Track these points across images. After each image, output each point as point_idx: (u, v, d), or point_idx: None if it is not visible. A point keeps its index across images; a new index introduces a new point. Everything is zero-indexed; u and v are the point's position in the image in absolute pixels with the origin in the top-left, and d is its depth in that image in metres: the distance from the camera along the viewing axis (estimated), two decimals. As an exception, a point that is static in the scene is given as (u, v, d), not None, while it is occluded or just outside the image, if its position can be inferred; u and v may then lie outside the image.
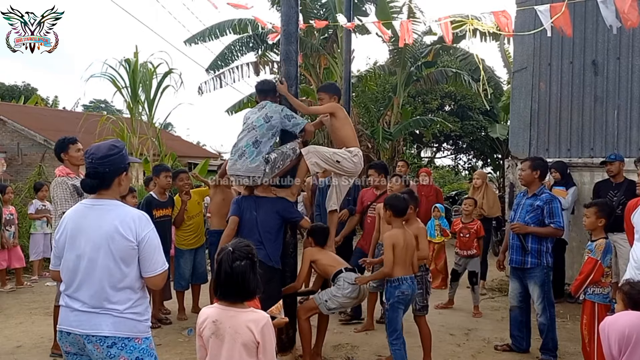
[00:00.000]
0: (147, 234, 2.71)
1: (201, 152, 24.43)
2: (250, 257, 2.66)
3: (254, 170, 4.69)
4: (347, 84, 11.11)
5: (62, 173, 4.99)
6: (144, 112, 12.69)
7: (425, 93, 18.97)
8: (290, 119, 4.90)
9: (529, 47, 8.43)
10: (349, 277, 4.85)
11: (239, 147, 4.79)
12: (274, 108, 4.89)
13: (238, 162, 4.74)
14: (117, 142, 2.89)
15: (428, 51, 16.50)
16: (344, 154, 5.05)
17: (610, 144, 7.55)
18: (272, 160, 4.74)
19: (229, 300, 2.65)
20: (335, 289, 4.87)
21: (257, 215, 4.79)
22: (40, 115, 21.17)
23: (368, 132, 15.59)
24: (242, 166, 4.72)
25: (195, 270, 6.69)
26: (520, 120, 8.64)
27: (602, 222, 4.57)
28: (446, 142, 22.67)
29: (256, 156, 4.69)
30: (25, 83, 34.08)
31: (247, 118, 4.95)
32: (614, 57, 7.61)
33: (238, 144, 4.83)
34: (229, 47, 15.72)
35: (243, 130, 4.88)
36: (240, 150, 4.76)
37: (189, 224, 6.61)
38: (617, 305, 3.17)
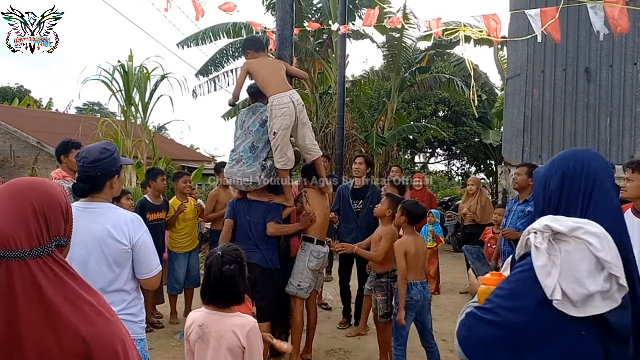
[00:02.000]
0: (140, 237, 2.71)
1: (195, 155, 24.36)
2: (239, 261, 2.66)
3: (250, 175, 4.70)
4: (342, 89, 11.15)
5: (58, 176, 4.97)
6: (138, 115, 12.66)
7: (419, 98, 19.03)
8: None
9: (523, 54, 8.48)
10: (317, 250, 5.00)
11: (237, 152, 4.80)
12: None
13: (235, 167, 4.75)
14: (109, 144, 2.88)
15: (422, 57, 16.57)
16: (269, 122, 4.71)
17: (602, 151, 7.60)
18: (267, 167, 4.74)
19: (217, 305, 2.65)
20: (301, 264, 4.98)
21: (250, 218, 4.80)
22: (34, 117, 21.07)
23: (362, 137, 15.61)
24: (238, 171, 4.72)
25: (188, 274, 6.67)
26: (514, 127, 8.68)
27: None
28: (440, 148, 22.76)
29: (253, 162, 4.69)
30: (18, 85, 33.98)
31: (243, 121, 4.92)
32: (606, 64, 7.68)
33: (236, 148, 4.83)
34: (221, 51, 15.73)
35: (240, 134, 4.87)
36: (238, 156, 4.76)
37: (183, 227, 6.59)
38: None
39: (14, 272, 1.29)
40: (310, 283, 5.03)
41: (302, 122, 4.76)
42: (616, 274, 1.65)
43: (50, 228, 1.40)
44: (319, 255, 5.04)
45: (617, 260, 1.68)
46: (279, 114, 4.57)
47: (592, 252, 1.66)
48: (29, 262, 1.31)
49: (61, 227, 1.45)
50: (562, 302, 1.69)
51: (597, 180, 1.84)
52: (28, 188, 1.42)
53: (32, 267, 1.31)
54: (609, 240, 1.70)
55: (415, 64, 16.49)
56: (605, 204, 1.82)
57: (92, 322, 1.35)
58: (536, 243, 1.75)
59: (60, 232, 1.44)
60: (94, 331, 1.34)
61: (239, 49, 15.57)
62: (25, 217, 1.36)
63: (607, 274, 1.66)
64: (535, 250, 1.74)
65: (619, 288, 1.67)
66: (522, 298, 1.75)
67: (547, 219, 1.78)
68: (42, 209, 1.39)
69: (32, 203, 1.38)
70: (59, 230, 1.44)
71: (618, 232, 1.77)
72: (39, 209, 1.39)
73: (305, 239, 5.10)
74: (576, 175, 1.86)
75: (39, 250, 1.34)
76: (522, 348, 1.74)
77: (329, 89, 16.47)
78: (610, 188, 1.86)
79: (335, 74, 14.23)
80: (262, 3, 16.32)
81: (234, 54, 15.78)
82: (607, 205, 1.82)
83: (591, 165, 1.87)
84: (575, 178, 1.86)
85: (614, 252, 1.68)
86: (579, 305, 1.68)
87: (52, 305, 1.31)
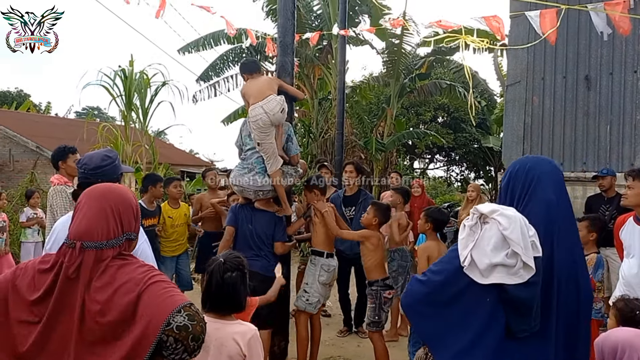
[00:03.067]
0: (140, 245, 2.69)
1: (195, 160, 24.36)
2: (241, 269, 2.65)
3: (261, 186, 4.71)
4: (342, 95, 11.16)
5: (60, 181, 4.96)
6: (138, 120, 12.65)
7: (418, 105, 19.08)
8: (289, 140, 4.93)
9: (523, 61, 8.50)
10: (328, 264, 5.01)
11: (250, 162, 4.77)
12: None
13: (246, 176, 4.73)
14: (110, 152, 2.88)
15: (422, 63, 16.61)
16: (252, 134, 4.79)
17: (602, 158, 7.61)
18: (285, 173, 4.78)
19: (219, 312, 2.64)
20: (311, 278, 4.98)
21: (254, 227, 4.78)
22: (33, 121, 21.07)
23: (361, 143, 15.63)
24: (250, 180, 4.71)
25: (180, 277, 6.64)
26: (514, 134, 8.68)
27: (594, 237, 4.58)
28: (439, 154, 22.79)
29: (265, 172, 4.70)
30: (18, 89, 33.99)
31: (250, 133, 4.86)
32: (606, 72, 7.69)
33: (248, 158, 4.80)
34: (222, 57, 15.76)
35: (251, 144, 4.81)
36: (251, 165, 4.75)
37: (171, 232, 6.55)
38: (610, 320, 3.18)
39: (91, 258, 1.69)
40: (319, 298, 5.02)
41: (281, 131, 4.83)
42: (517, 252, 1.99)
43: (123, 225, 1.79)
44: (329, 269, 5.03)
45: (521, 240, 2.00)
46: (255, 127, 4.63)
47: (500, 230, 2.03)
48: (103, 251, 1.71)
49: (132, 224, 1.84)
50: (471, 269, 2.08)
51: (535, 181, 2.25)
52: (109, 193, 1.83)
53: (104, 255, 1.71)
54: (518, 223, 2.03)
55: (414, 70, 16.54)
56: (540, 199, 2.21)
57: (145, 284, 1.68)
58: (465, 222, 2.17)
59: (132, 228, 1.84)
60: (144, 290, 1.67)
61: (240, 54, 15.61)
62: (106, 215, 1.76)
63: (511, 251, 2.00)
64: (462, 227, 2.17)
65: (525, 267, 2.00)
66: (445, 264, 2.22)
67: (481, 205, 2.16)
68: (119, 210, 1.79)
69: (110, 205, 1.79)
70: (131, 226, 1.83)
71: (545, 222, 2.16)
72: (115, 209, 1.78)
73: (315, 252, 5.10)
74: (519, 176, 2.31)
75: (112, 242, 1.74)
76: (440, 304, 2.17)
77: (329, 94, 16.50)
78: (548, 187, 2.24)
79: (335, 80, 14.26)
80: (262, 9, 16.37)
81: (234, 60, 15.82)
82: (541, 201, 2.21)
83: (532, 169, 2.29)
84: (518, 178, 2.31)
85: (519, 232, 2.00)
86: (485, 274, 2.04)
87: (116, 280, 1.68)
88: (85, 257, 1.69)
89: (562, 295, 2.16)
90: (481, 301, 2.09)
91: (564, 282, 2.17)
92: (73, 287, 1.67)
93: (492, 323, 2.08)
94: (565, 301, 2.17)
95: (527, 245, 2.01)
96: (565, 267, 2.18)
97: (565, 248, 2.19)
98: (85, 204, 1.81)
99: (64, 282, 1.67)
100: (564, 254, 2.18)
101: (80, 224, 1.76)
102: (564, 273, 2.17)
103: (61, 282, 1.67)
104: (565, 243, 2.20)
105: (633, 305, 3.07)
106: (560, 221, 2.22)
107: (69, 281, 1.67)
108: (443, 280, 2.16)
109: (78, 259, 1.69)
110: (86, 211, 1.78)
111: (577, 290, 2.22)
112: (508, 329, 2.08)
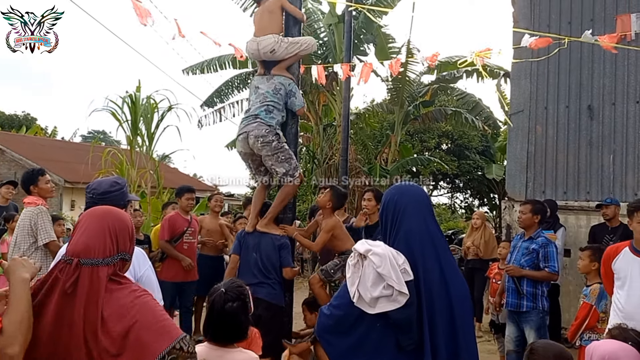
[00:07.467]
0: (145, 272, 2.72)
1: (198, 184, 24.39)
2: (243, 298, 2.66)
3: (263, 134, 4.72)
4: (346, 122, 11.22)
5: (38, 202, 5.00)
6: (143, 145, 12.72)
7: (422, 131, 19.15)
8: (291, 95, 4.99)
9: (526, 90, 8.55)
10: None
11: (251, 111, 4.90)
12: (282, 79, 4.99)
13: (250, 124, 4.80)
14: (119, 179, 2.94)
15: (426, 91, 16.71)
16: None
17: (606, 187, 7.60)
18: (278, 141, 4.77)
19: (220, 341, 2.64)
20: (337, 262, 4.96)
21: (260, 253, 4.78)
22: (38, 144, 21.24)
23: (365, 169, 15.66)
24: (252, 127, 4.76)
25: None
26: (517, 162, 8.69)
27: (596, 266, 4.55)
28: (443, 181, 22.79)
29: (269, 120, 4.76)
30: (25, 113, 34.31)
31: (256, 87, 5.04)
32: (609, 102, 7.73)
33: (253, 111, 4.90)
34: (227, 83, 15.88)
35: (255, 98, 4.99)
36: (253, 115, 4.85)
37: None
38: None
39: (86, 274, 1.77)
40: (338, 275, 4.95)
41: None
42: (391, 284, 2.39)
43: (119, 244, 1.89)
44: None
45: (392, 273, 2.39)
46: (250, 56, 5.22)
47: (374, 268, 2.42)
48: (99, 267, 1.80)
49: (127, 245, 1.93)
50: (360, 302, 2.48)
51: (401, 213, 2.62)
52: (108, 214, 1.95)
53: (100, 272, 1.79)
54: (387, 259, 2.42)
55: (418, 98, 16.62)
56: (404, 231, 2.59)
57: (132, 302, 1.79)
58: (349, 260, 2.58)
59: (126, 248, 1.93)
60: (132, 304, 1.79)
61: (245, 80, 15.74)
62: (103, 234, 1.86)
63: (386, 284, 2.40)
64: (347, 266, 2.57)
65: (400, 293, 2.40)
66: (341, 299, 2.60)
67: (359, 243, 2.57)
68: (115, 229, 1.89)
69: (109, 224, 1.89)
70: (125, 247, 1.92)
71: (407, 251, 2.53)
72: (112, 229, 1.88)
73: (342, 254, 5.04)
74: (389, 209, 2.67)
75: (107, 260, 1.83)
76: (342, 333, 2.57)
77: (334, 120, 16.58)
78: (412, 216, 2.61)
79: (339, 107, 14.35)
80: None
81: (239, 86, 15.94)
82: (405, 232, 2.58)
83: (398, 201, 2.66)
84: (388, 210, 2.68)
85: (389, 267, 2.40)
86: (371, 304, 2.44)
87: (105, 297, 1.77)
88: (81, 273, 1.77)
89: (436, 305, 2.51)
90: (373, 326, 2.51)
91: (436, 293, 2.53)
92: (71, 303, 1.75)
93: (385, 341, 2.50)
94: (441, 311, 2.52)
95: (399, 275, 2.42)
96: (435, 279, 2.54)
97: (431, 265, 2.55)
98: (85, 223, 1.90)
99: (61, 296, 1.76)
100: (431, 271, 2.54)
101: (78, 241, 1.85)
102: (435, 283, 2.53)
103: (58, 296, 1.76)
104: (429, 261, 2.56)
105: (627, 335, 3.06)
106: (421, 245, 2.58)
107: (66, 296, 1.76)
108: (342, 315, 2.58)
109: (74, 274, 1.77)
110: (85, 229, 1.87)
111: (447, 293, 2.54)
112: (399, 344, 2.48)
